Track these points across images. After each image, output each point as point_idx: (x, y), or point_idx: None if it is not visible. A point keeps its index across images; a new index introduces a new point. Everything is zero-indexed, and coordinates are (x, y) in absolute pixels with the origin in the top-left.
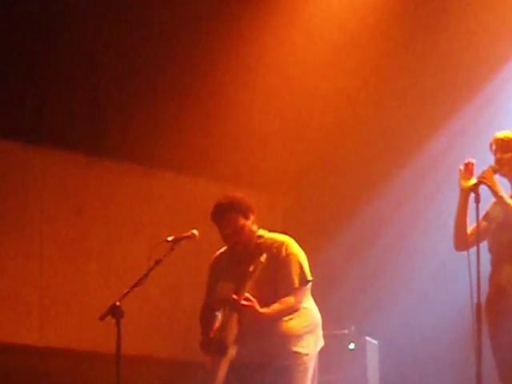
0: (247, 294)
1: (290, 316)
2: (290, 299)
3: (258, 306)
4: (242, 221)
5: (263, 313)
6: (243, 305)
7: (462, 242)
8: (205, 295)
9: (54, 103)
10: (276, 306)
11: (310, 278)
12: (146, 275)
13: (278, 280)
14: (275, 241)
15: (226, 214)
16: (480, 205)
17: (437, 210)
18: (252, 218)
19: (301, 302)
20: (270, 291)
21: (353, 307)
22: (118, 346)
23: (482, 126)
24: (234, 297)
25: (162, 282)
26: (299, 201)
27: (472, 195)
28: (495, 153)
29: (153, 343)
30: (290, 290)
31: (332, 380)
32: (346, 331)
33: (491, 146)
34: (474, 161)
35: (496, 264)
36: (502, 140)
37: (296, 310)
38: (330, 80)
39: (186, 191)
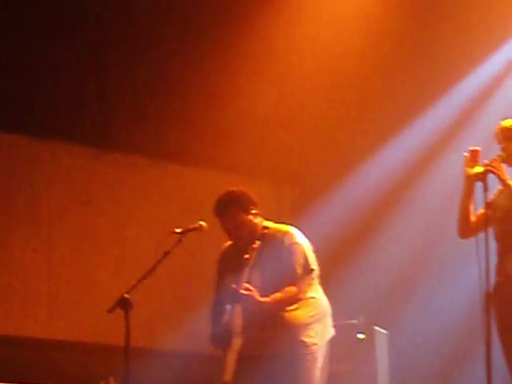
0: (246, 284)
1: (296, 305)
2: (292, 288)
3: (257, 295)
4: (242, 216)
5: (263, 302)
6: (242, 294)
7: (467, 229)
8: (214, 289)
9: (61, 97)
10: (277, 296)
11: (313, 267)
12: (154, 267)
13: (281, 269)
14: (279, 231)
15: (226, 210)
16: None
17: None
18: (254, 211)
19: (304, 292)
20: (274, 281)
21: (362, 298)
22: (127, 338)
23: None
24: (234, 286)
25: (170, 273)
26: (307, 190)
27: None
28: (500, 142)
29: (162, 335)
30: (292, 280)
31: (342, 370)
32: (355, 321)
33: (497, 135)
34: (479, 148)
35: (503, 252)
36: (508, 129)
37: (299, 300)
38: (332, 67)
39: (194, 183)
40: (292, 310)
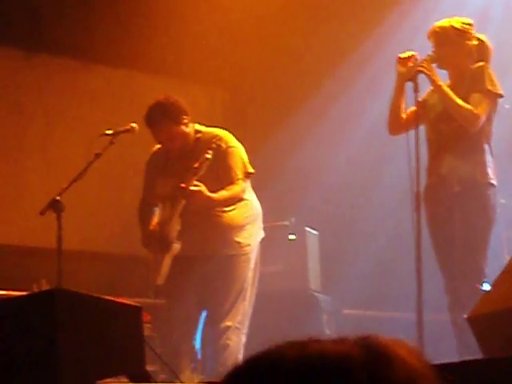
0: (195, 182)
1: (232, 207)
2: (235, 187)
3: (206, 191)
4: (174, 128)
5: (212, 197)
6: (192, 190)
7: (397, 125)
8: (142, 191)
9: None
10: (223, 192)
11: (251, 170)
12: (85, 169)
13: (220, 173)
14: (213, 135)
15: (157, 123)
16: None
17: (372, 105)
18: (186, 120)
19: (244, 193)
20: (212, 186)
21: (294, 199)
22: (59, 240)
23: (420, 18)
24: (183, 185)
25: (102, 176)
26: (239, 94)
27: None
28: (432, 45)
29: (94, 238)
30: (234, 181)
31: (273, 271)
32: (286, 222)
33: (429, 37)
34: (414, 53)
35: (435, 153)
36: (438, 32)
37: (240, 200)
38: None
39: (124, 85)
40: (229, 211)
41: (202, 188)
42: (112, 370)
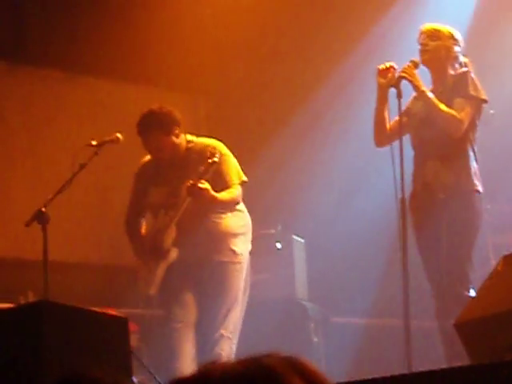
0: (202, 181)
1: (227, 215)
2: (234, 190)
3: (212, 190)
4: (163, 138)
5: (216, 196)
6: (200, 188)
7: (383, 137)
8: (130, 201)
9: None
10: (224, 194)
11: (244, 178)
12: (70, 180)
13: (215, 180)
14: (207, 145)
15: (148, 133)
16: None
17: (357, 113)
18: (177, 131)
19: (241, 197)
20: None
21: (279, 207)
22: (45, 251)
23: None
24: (191, 182)
25: (88, 186)
26: (222, 103)
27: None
28: (423, 41)
29: (80, 249)
30: (230, 185)
31: (261, 280)
32: (272, 231)
33: (421, 34)
34: (395, 65)
35: (420, 160)
36: (434, 29)
37: (237, 204)
38: None
39: (109, 96)
40: (223, 219)
41: (209, 187)
42: None
